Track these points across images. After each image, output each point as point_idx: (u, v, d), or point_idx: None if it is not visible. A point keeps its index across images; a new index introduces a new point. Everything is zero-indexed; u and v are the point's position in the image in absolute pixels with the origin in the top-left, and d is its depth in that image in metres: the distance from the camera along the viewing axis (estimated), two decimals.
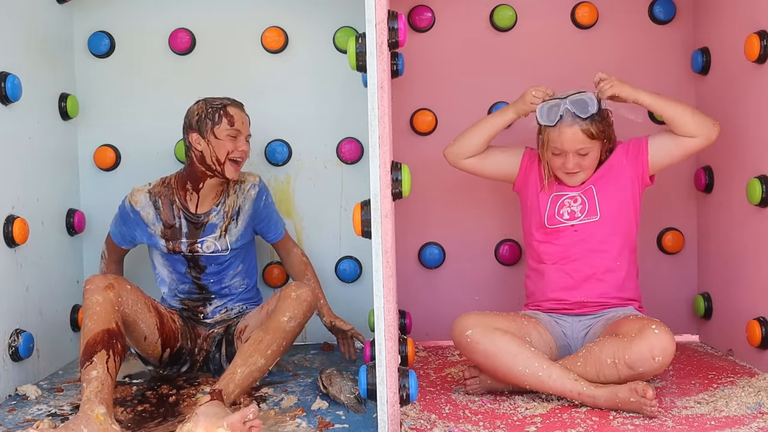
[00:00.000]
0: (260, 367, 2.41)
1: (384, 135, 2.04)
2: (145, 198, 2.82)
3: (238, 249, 2.85)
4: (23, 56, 2.75)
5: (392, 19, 2.08)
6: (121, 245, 2.92)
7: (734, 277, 2.87)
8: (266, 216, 2.91)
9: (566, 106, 2.59)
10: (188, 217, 2.81)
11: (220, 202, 2.82)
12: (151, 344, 2.63)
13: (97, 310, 2.38)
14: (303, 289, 2.55)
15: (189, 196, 2.81)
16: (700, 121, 2.60)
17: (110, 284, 2.45)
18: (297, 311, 2.50)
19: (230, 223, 2.83)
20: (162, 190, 2.83)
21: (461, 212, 3.23)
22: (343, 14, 3.19)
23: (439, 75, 3.21)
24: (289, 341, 2.50)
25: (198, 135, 2.73)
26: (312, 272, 2.99)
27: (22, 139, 2.74)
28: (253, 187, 2.87)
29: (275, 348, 2.44)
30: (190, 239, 2.80)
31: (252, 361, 2.39)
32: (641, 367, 2.32)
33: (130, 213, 2.83)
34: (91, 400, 2.17)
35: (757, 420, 2.22)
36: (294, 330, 2.50)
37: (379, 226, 2.03)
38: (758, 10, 2.65)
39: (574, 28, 3.20)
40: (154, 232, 2.82)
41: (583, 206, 2.65)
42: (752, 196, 2.65)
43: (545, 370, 2.38)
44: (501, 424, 2.24)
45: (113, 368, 2.29)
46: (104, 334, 2.33)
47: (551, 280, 2.68)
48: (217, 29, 3.21)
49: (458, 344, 2.51)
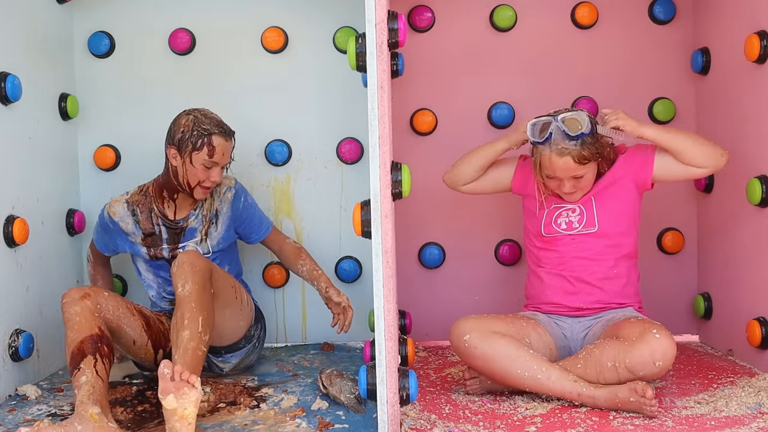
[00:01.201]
0: (188, 338, 2.33)
1: (384, 135, 2.04)
2: (123, 208, 2.81)
3: (220, 252, 2.84)
4: (23, 56, 2.75)
5: (392, 19, 2.08)
6: (104, 252, 2.93)
7: (734, 277, 2.87)
8: (247, 217, 2.89)
9: (557, 124, 2.54)
10: (167, 224, 2.80)
11: (197, 206, 2.81)
12: (141, 348, 2.61)
13: (77, 320, 2.37)
14: (180, 257, 2.48)
15: (166, 204, 2.80)
16: (708, 152, 2.56)
17: (86, 294, 2.44)
18: (183, 276, 2.43)
19: (210, 226, 2.81)
20: (140, 199, 2.82)
21: (461, 212, 3.23)
22: (343, 14, 3.19)
23: (439, 75, 3.21)
24: (199, 298, 2.40)
25: (176, 151, 2.70)
26: (306, 254, 2.94)
27: (22, 139, 2.74)
28: (230, 190, 2.85)
29: (189, 314, 2.37)
30: (171, 245, 2.80)
31: (180, 340, 2.34)
32: (642, 371, 2.32)
33: (109, 224, 2.83)
34: (83, 402, 2.17)
35: (757, 420, 2.22)
36: (192, 290, 2.40)
37: (379, 226, 2.02)
38: (758, 10, 2.65)
39: (574, 28, 3.20)
40: (135, 240, 2.81)
41: (582, 217, 2.64)
42: (752, 196, 2.65)
43: (544, 372, 2.38)
44: (501, 424, 2.24)
45: (103, 371, 2.28)
46: (88, 341, 2.33)
47: (550, 284, 2.67)
48: (217, 29, 3.20)
49: (456, 349, 2.50)
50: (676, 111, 3.18)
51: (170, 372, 2.06)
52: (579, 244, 2.64)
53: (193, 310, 2.38)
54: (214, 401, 2.52)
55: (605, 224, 2.63)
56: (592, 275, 2.63)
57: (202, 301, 2.41)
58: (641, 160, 2.64)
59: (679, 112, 3.19)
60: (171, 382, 2.05)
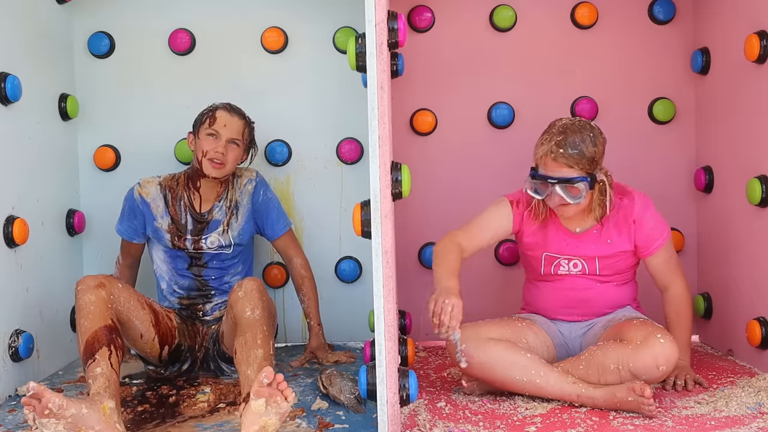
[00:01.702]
0: (263, 356, 2.37)
1: (384, 135, 2.04)
2: (156, 190, 2.84)
3: (240, 246, 2.86)
4: (23, 56, 2.75)
5: (392, 19, 2.08)
6: (134, 240, 2.90)
7: (734, 277, 2.87)
8: (264, 211, 2.91)
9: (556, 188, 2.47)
10: (193, 215, 2.82)
11: (221, 198, 2.84)
12: (148, 342, 2.63)
13: (91, 309, 2.38)
14: (244, 284, 2.53)
15: (193, 194, 2.84)
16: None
17: (101, 283, 2.45)
18: (252, 302, 2.47)
19: (231, 217, 2.84)
20: (172, 184, 2.86)
21: (461, 212, 3.21)
22: (343, 14, 3.19)
23: (439, 75, 3.21)
24: (268, 323, 2.48)
25: (193, 135, 2.81)
26: (309, 287, 2.95)
27: (22, 140, 2.74)
28: (250, 182, 2.89)
29: (261, 336, 2.41)
30: (195, 236, 2.82)
31: (253, 358, 2.36)
32: (644, 375, 2.33)
33: (139, 204, 2.83)
34: (100, 394, 2.17)
35: (757, 420, 2.22)
36: (262, 315, 2.47)
37: (379, 227, 2.02)
38: (758, 10, 2.65)
39: (573, 28, 3.20)
40: (160, 225, 2.82)
41: (583, 270, 2.61)
42: (752, 196, 2.65)
43: (542, 376, 2.38)
44: (501, 424, 2.24)
45: (116, 364, 2.29)
46: (103, 331, 2.33)
47: (547, 299, 2.66)
48: (217, 30, 3.21)
49: (453, 358, 2.50)
50: (676, 111, 3.19)
51: (270, 379, 2.06)
52: (580, 278, 2.63)
53: (265, 333, 2.43)
54: (214, 401, 2.52)
55: (608, 275, 2.62)
56: (592, 298, 2.63)
57: (269, 325, 2.50)
58: (644, 245, 2.59)
59: (678, 112, 3.19)
60: (267, 388, 2.06)
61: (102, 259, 3.17)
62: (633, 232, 2.57)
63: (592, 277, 2.61)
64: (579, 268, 2.60)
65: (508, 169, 3.11)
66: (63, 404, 2.03)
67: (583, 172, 2.45)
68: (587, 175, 2.45)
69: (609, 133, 3.12)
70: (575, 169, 2.44)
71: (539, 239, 2.62)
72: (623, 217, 2.57)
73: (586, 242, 2.58)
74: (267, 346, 2.40)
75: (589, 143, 2.45)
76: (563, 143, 2.43)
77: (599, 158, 2.48)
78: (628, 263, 2.62)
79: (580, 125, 2.49)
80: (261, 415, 2.06)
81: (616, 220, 2.57)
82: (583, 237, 2.58)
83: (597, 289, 2.62)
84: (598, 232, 2.57)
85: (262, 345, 2.39)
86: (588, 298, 2.62)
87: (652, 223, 2.57)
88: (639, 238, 2.57)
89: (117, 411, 2.16)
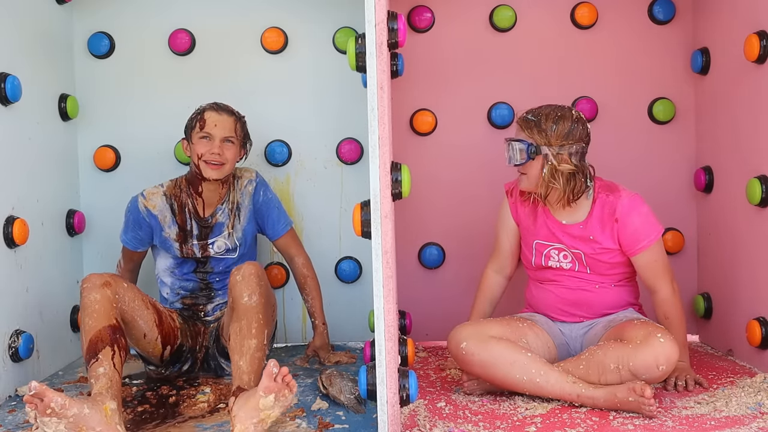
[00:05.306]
0: (255, 347, 2.38)
1: (384, 135, 2.04)
2: (162, 201, 2.82)
3: (245, 247, 2.86)
4: (23, 56, 2.75)
5: (392, 19, 2.08)
6: (138, 249, 2.90)
7: (734, 277, 2.87)
8: (265, 211, 2.91)
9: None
10: (197, 220, 2.82)
11: (224, 201, 2.84)
12: (150, 342, 2.63)
13: (96, 308, 2.38)
14: (243, 268, 2.52)
15: (196, 200, 2.83)
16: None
17: (107, 282, 2.45)
18: (250, 287, 2.46)
19: (234, 219, 2.84)
20: (176, 192, 2.85)
21: (461, 212, 3.23)
22: (343, 14, 3.19)
23: (439, 75, 3.21)
24: (264, 311, 2.47)
25: (187, 142, 2.81)
26: (312, 286, 2.95)
27: (22, 140, 2.74)
28: (250, 183, 2.89)
29: (256, 325, 2.42)
30: (201, 241, 2.82)
31: (245, 348, 2.37)
32: (645, 375, 2.33)
33: (145, 217, 2.82)
34: (102, 394, 2.17)
35: (757, 420, 2.22)
36: (259, 302, 2.46)
37: (379, 227, 2.02)
38: (758, 10, 2.65)
39: (573, 28, 3.20)
40: (168, 235, 2.82)
41: (573, 265, 2.62)
42: (752, 196, 2.65)
43: (543, 375, 2.38)
44: (501, 424, 2.24)
45: (119, 364, 2.30)
46: (107, 330, 2.34)
47: (548, 299, 2.67)
48: (217, 30, 3.21)
49: (455, 357, 2.51)
50: (676, 111, 3.19)
51: (277, 372, 2.09)
52: (573, 277, 2.64)
53: (260, 322, 2.43)
54: (214, 401, 2.52)
55: (598, 271, 2.62)
56: (590, 296, 2.63)
57: (267, 314, 2.49)
58: (629, 244, 2.56)
59: (678, 112, 3.19)
60: (275, 383, 2.09)
61: (102, 259, 3.17)
62: (616, 231, 2.56)
63: (584, 275, 2.61)
64: (569, 260, 2.61)
65: (508, 169, 3.10)
66: (65, 403, 2.03)
67: (530, 139, 2.52)
68: (533, 143, 2.51)
69: (609, 133, 3.15)
70: (525, 133, 2.55)
71: (530, 225, 2.67)
72: (608, 214, 2.57)
73: (572, 235, 2.59)
74: (261, 336, 2.40)
75: (551, 119, 2.51)
76: (530, 111, 2.57)
77: (556, 137, 2.50)
78: (616, 261, 2.61)
79: (561, 107, 2.57)
80: (267, 409, 2.10)
81: (600, 217, 2.57)
82: (570, 229, 2.60)
83: (594, 291, 2.62)
84: (583, 227, 2.58)
85: (256, 335, 2.39)
86: (585, 300, 2.62)
87: (638, 223, 2.55)
88: (622, 237, 2.56)
89: (118, 412, 2.16)
